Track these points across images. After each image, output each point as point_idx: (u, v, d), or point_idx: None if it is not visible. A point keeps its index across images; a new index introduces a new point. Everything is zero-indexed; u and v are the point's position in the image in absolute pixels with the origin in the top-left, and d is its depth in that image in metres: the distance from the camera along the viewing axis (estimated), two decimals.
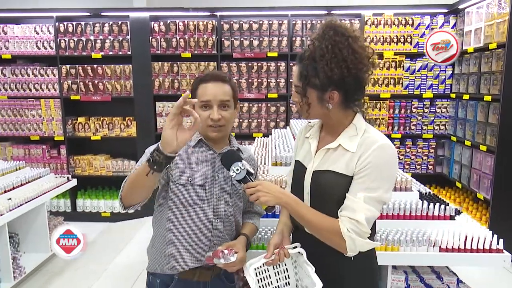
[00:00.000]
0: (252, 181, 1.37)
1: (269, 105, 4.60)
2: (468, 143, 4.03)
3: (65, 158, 4.77)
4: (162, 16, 4.67)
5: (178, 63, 4.57)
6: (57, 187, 3.75)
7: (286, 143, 2.67)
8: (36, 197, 3.41)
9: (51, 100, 4.66)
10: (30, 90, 4.68)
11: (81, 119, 4.73)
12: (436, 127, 4.57)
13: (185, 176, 1.48)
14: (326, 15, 4.54)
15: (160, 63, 4.57)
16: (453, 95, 4.43)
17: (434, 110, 4.55)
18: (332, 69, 1.25)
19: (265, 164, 2.47)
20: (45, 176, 3.83)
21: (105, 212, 4.79)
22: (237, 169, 1.37)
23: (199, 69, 4.57)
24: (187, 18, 4.66)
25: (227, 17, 4.61)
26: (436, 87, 4.49)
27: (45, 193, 3.54)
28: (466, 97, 4.07)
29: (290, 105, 4.58)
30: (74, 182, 4.04)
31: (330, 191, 1.32)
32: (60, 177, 3.96)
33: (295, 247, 1.42)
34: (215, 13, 4.52)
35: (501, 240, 1.85)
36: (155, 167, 1.26)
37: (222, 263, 1.41)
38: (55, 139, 4.76)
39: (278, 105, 4.60)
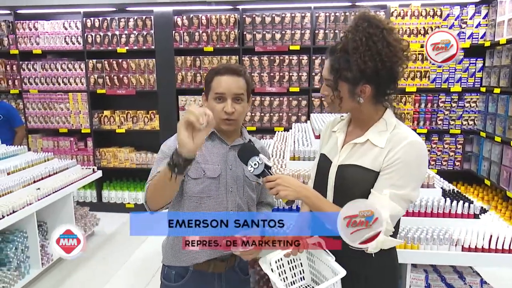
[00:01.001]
0: (271, 174, 1.36)
1: (290, 99, 4.56)
2: (498, 139, 3.86)
3: (91, 150, 4.91)
4: (185, 10, 4.69)
5: (201, 57, 4.59)
6: (83, 178, 3.87)
7: (306, 137, 2.64)
8: (63, 188, 3.53)
9: (79, 94, 4.79)
10: (59, 84, 4.82)
11: (106, 112, 4.85)
12: (465, 122, 4.40)
13: (199, 169, 1.49)
14: (350, 7, 4.43)
15: (182, 57, 4.61)
16: (483, 89, 4.24)
17: (463, 105, 4.37)
18: (366, 62, 1.23)
19: (283, 158, 2.45)
20: (72, 167, 3.95)
21: (129, 203, 4.90)
22: (255, 164, 1.36)
23: (221, 63, 4.56)
24: (210, 12, 4.67)
25: (249, 11, 4.58)
26: (465, 81, 4.31)
27: (71, 183, 3.66)
28: (497, 91, 3.89)
29: (312, 99, 4.52)
30: (99, 174, 4.15)
31: (354, 186, 1.30)
32: (86, 168, 4.08)
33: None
34: (237, 7, 4.50)
35: None
36: (176, 170, 1.23)
37: (240, 250, 1.40)
38: (82, 131, 4.90)
39: (300, 99, 4.55)
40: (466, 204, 1.91)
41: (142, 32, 4.65)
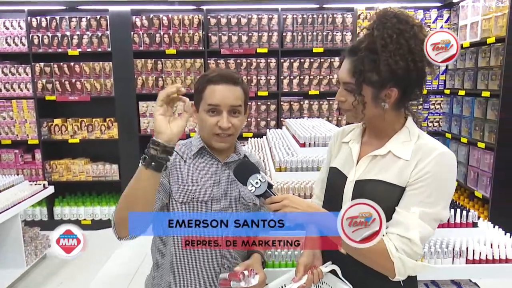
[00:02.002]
0: (275, 194, 1.17)
1: (259, 103, 4.39)
2: (464, 140, 3.93)
3: (40, 163, 4.42)
4: (145, 10, 4.38)
5: (163, 60, 4.29)
6: (32, 195, 3.44)
7: (287, 146, 2.47)
8: (9, 208, 3.10)
9: (24, 101, 4.31)
10: (0, 90, 4.31)
11: (57, 121, 4.39)
12: (430, 124, 4.47)
13: (187, 192, 1.26)
14: (318, 9, 4.36)
15: (143, 60, 4.29)
16: (447, 91, 4.34)
17: (428, 107, 4.44)
18: (397, 62, 1.07)
19: (267, 169, 2.26)
20: (19, 184, 3.51)
21: (85, 219, 4.47)
22: (257, 182, 1.16)
23: (185, 66, 4.31)
24: (172, 12, 4.39)
25: (214, 11, 4.37)
26: (430, 83, 4.38)
27: (19, 202, 3.24)
28: (462, 92, 3.97)
29: (282, 103, 4.39)
30: (51, 190, 3.72)
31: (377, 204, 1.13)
32: (35, 184, 3.64)
33: (327, 266, 1.23)
34: (201, 7, 4.26)
35: None
36: (152, 163, 1.06)
37: (242, 286, 1.20)
38: (29, 142, 4.40)
39: (269, 103, 4.40)
40: (464, 212, 1.83)
41: (97, 33, 4.27)
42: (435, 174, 1.09)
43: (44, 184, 3.68)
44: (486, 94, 3.54)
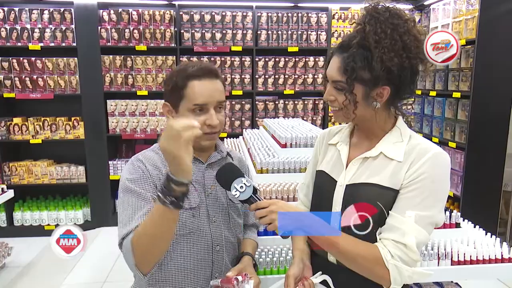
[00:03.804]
0: (261, 199, 1.09)
1: (233, 102, 4.29)
2: (435, 139, 4.01)
3: None
4: (113, 3, 4.17)
5: (132, 56, 4.10)
6: None
7: (267, 146, 2.39)
8: None
9: None
10: None
11: (17, 120, 4.09)
12: None
13: None
14: (292, 7, 4.31)
15: (111, 56, 4.08)
16: (418, 92, 4.41)
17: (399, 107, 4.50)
18: (391, 58, 1.02)
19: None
20: None
21: (49, 225, 4.20)
22: (241, 187, 1.09)
23: (156, 64, 4.14)
24: (142, 6, 4.20)
25: (187, 7, 4.22)
26: None
27: None
28: (433, 93, 4.05)
29: (256, 102, 4.31)
30: (10, 194, 3.45)
31: None
32: None
33: (318, 276, 1.16)
34: (173, 2, 4.11)
35: None
36: (181, 203, 1.00)
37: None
38: None
39: (243, 102, 4.30)
40: (447, 213, 1.82)
41: (60, 26, 4.01)
42: (431, 176, 1.04)
43: (2, 188, 3.40)
44: (456, 95, 3.62)
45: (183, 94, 1.16)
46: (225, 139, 3.34)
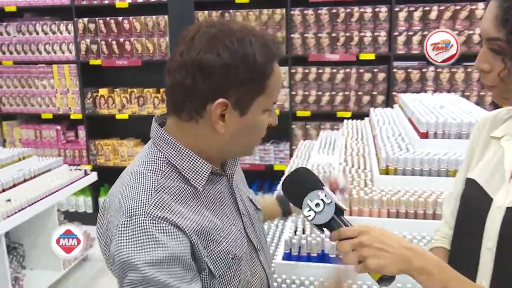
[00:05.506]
0: (347, 224, 0.95)
1: (361, 70, 4.12)
2: None
3: (84, 142, 4.70)
4: None
5: (231, 11, 4.25)
6: (71, 183, 3.66)
7: (400, 135, 2.25)
8: (44, 198, 3.32)
9: (66, 66, 4.59)
10: (40, 52, 4.64)
11: (103, 91, 4.59)
12: None
13: (223, 254, 1.00)
14: None
15: (206, 12, 4.28)
16: None
17: None
18: None
19: (364, 169, 2.06)
20: (57, 168, 3.76)
21: None
22: (317, 204, 0.95)
23: (261, 19, 4.19)
24: None
25: None
26: None
27: (55, 191, 3.45)
28: None
29: (394, 70, 4.04)
30: (93, 177, 3.93)
31: None
32: (76, 169, 3.87)
33: None
34: None
35: None
36: None
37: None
38: (72, 117, 4.69)
39: (376, 70, 4.12)
40: None
41: None
42: None
43: (85, 170, 3.87)
44: None
45: (266, 86, 0.97)
46: (345, 120, 3.21)
